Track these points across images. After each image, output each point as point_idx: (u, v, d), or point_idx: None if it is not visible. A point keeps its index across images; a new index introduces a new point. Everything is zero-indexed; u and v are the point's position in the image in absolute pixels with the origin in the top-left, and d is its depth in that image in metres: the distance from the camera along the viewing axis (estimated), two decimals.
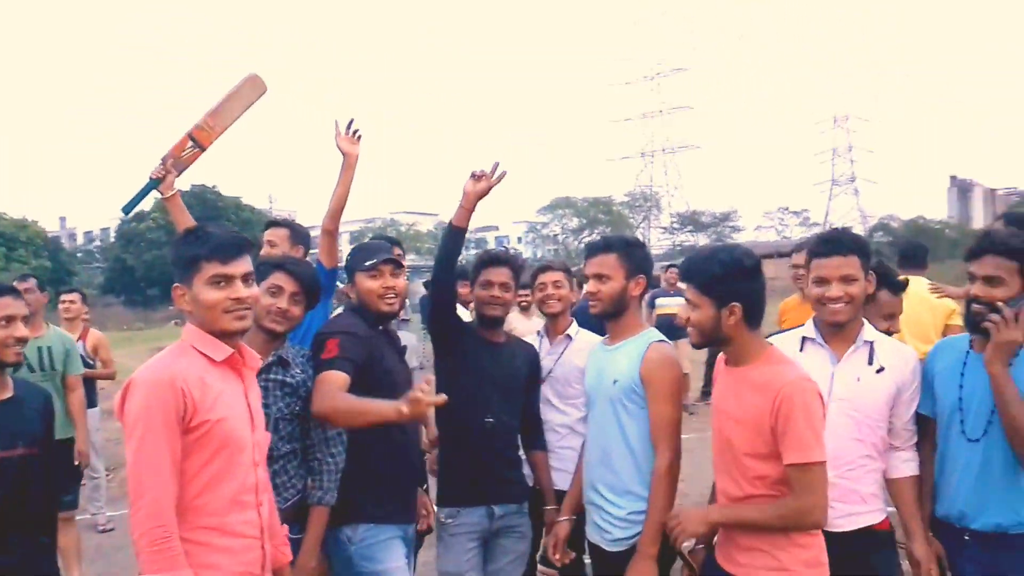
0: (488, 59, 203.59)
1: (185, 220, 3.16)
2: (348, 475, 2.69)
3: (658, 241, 66.25)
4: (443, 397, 2.33)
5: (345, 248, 3.58)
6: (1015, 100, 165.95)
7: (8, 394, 2.51)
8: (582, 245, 56.76)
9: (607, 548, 2.68)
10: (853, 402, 2.45)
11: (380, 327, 2.83)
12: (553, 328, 3.53)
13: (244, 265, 2.13)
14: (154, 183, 3.23)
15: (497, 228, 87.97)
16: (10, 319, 2.50)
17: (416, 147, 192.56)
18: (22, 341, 2.52)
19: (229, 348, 2.13)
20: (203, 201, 45.31)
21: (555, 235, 62.84)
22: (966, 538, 2.35)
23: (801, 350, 2.55)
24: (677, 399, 2.59)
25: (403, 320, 3.85)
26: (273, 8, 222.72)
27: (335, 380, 2.52)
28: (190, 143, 3.27)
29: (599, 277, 2.66)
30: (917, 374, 2.54)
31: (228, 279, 2.09)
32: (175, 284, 2.12)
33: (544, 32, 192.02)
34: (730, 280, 2.21)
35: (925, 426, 2.56)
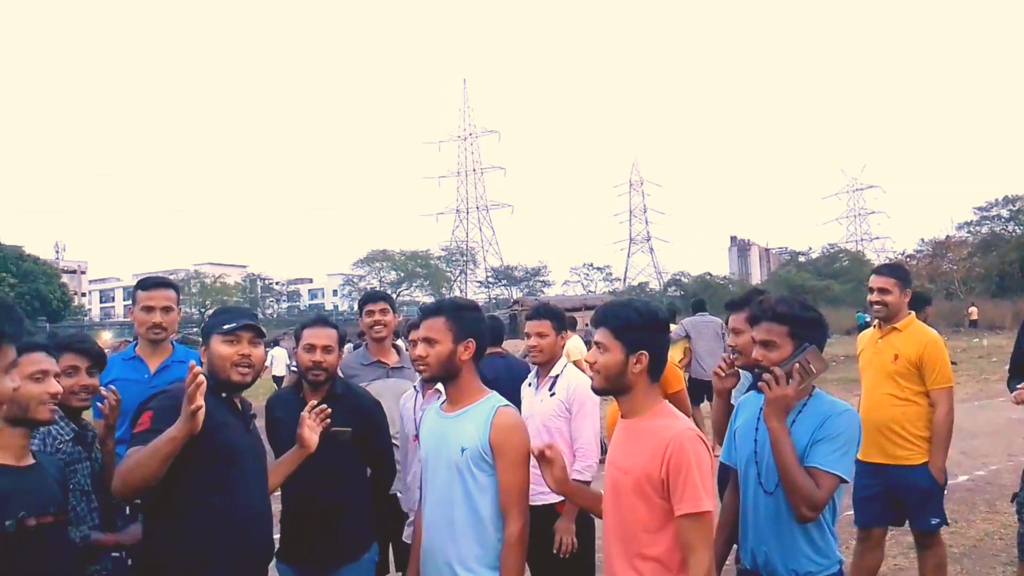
0: (298, 110, 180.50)
1: None
2: None
3: (474, 294, 68.23)
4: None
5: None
6: (785, 167, 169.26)
7: (31, 460, 2.34)
8: (400, 297, 57.40)
9: None
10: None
11: (224, 395, 2.64)
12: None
13: None
14: None
15: (311, 280, 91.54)
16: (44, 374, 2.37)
17: (224, 194, 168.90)
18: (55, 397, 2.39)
19: None
20: None
21: (372, 288, 65.41)
22: None
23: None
24: (527, 464, 2.54)
25: (396, 368, 4.14)
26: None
27: (131, 454, 2.40)
28: None
29: (428, 341, 2.59)
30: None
31: None
32: None
33: (354, 85, 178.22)
34: (644, 329, 2.30)
35: (728, 474, 2.75)
